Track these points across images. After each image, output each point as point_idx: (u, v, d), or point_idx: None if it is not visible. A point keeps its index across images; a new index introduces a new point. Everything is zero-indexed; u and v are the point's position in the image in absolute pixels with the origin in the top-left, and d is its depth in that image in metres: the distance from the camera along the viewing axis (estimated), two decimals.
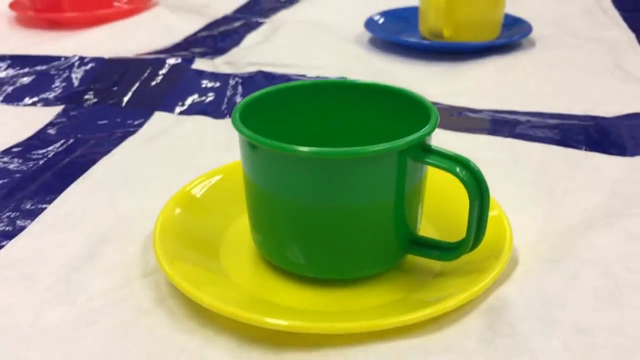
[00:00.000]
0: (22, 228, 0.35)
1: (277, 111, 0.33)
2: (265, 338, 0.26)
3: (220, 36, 0.69)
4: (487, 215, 0.28)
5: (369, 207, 0.28)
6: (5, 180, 0.40)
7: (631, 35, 0.66)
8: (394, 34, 0.66)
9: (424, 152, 0.28)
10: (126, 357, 0.26)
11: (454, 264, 0.30)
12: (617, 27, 0.69)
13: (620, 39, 0.65)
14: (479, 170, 0.27)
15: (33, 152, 0.43)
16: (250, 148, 0.28)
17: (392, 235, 0.29)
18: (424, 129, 0.28)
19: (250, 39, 0.67)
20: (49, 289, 0.30)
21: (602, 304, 0.27)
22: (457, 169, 0.27)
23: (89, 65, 0.57)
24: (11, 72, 0.57)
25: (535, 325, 0.26)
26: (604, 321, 0.26)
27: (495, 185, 0.35)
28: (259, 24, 0.72)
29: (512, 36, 0.64)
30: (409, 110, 0.31)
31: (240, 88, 0.53)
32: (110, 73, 0.55)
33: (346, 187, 0.27)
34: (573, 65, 0.58)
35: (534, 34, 0.66)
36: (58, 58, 0.59)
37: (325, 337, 0.26)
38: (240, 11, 0.79)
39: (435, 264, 0.30)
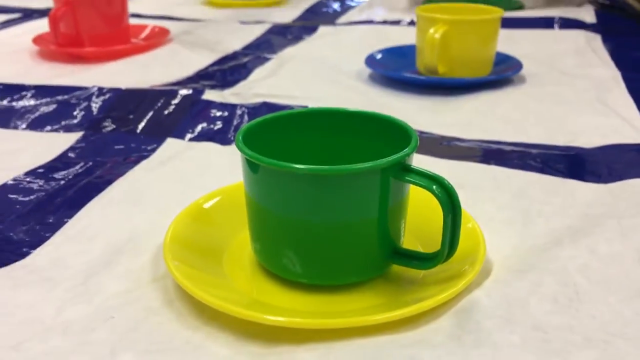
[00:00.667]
0: (45, 239, 0.38)
1: (276, 136, 0.37)
2: (260, 334, 0.30)
3: (229, 70, 0.73)
4: (459, 229, 0.31)
5: (356, 221, 0.32)
6: (30, 198, 0.44)
7: (617, 73, 0.70)
8: (393, 70, 0.70)
9: (404, 171, 0.31)
10: (136, 347, 0.29)
11: (433, 272, 0.33)
12: (604, 65, 0.73)
13: (606, 76, 0.69)
14: (452, 188, 0.31)
15: (55, 174, 0.47)
16: (250, 166, 0.32)
17: (376, 247, 0.33)
18: (404, 151, 0.31)
19: (258, 73, 0.71)
20: (69, 290, 0.33)
21: (560, 307, 0.30)
22: (433, 187, 0.31)
23: (107, 95, 0.61)
24: (35, 101, 0.61)
25: (498, 324, 0.29)
26: (559, 321, 0.29)
27: (476, 207, 0.39)
28: (266, 60, 0.77)
29: (502, 73, 0.68)
30: (394, 135, 0.35)
31: (246, 117, 0.57)
32: (126, 102, 0.60)
33: (335, 202, 0.31)
34: (558, 100, 0.62)
35: (524, 71, 0.70)
36: (78, 88, 0.63)
37: (313, 332, 0.29)
38: (250, 47, 0.84)
39: (418, 272, 0.34)
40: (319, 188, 0.31)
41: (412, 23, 0.96)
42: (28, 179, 0.46)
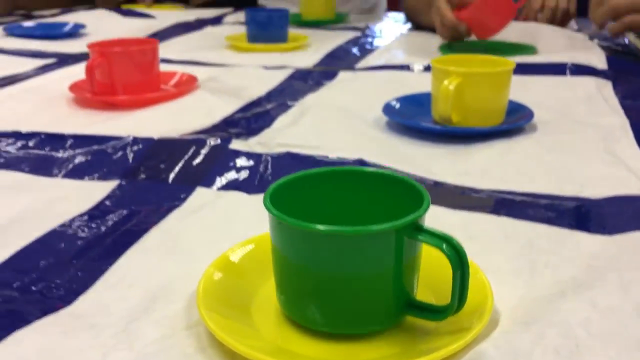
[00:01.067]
0: (89, 285, 0.42)
1: (301, 192, 0.40)
2: None
3: (254, 117, 0.77)
4: (467, 284, 0.34)
5: (373, 275, 0.35)
6: (72, 246, 0.47)
7: (626, 122, 0.72)
8: (409, 117, 0.73)
9: (417, 230, 0.35)
10: None
11: (444, 323, 0.36)
12: (614, 113, 0.76)
13: (615, 124, 0.71)
14: (461, 247, 0.34)
15: (94, 222, 0.51)
16: (277, 224, 0.35)
17: (392, 299, 0.36)
18: (416, 212, 0.35)
19: (281, 121, 0.75)
20: (112, 336, 0.37)
21: (562, 359, 0.33)
22: (443, 246, 0.34)
23: (141, 145, 0.65)
24: (73, 150, 0.66)
25: None
26: None
27: (486, 258, 0.42)
28: (288, 107, 0.81)
29: (514, 122, 0.71)
30: (408, 194, 0.38)
31: (270, 167, 0.60)
32: (158, 152, 0.64)
33: (354, 258, 0.34)
34: (568, 149, 0.65)
35: (535, 119, 0.72)
36: (114, 138, 0.68)
37: None
38: (273, 94, 0.88)
39: (430, 323, 0.37)
40: (340, 246, 0.34)
41: (428, 68, 0.99)
42: (70, 228, 0.50)
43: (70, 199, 0.56)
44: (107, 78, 0.83)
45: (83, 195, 0.56)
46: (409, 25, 1.45)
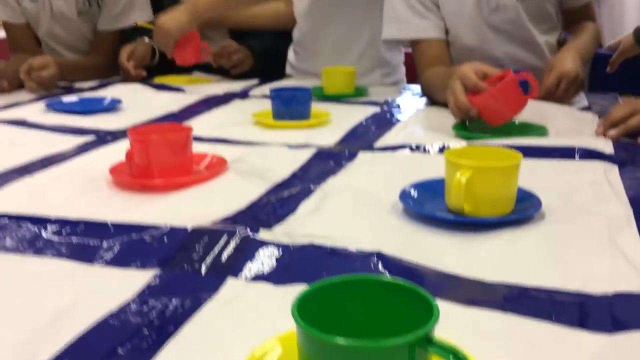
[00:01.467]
0: None
1: (324, 300, 0.45)
2: None
3: (278, 203, 0.83)
4: None
5: None
6: (111, 339, 0.52)
7: (630, 212, 0.76)
8: (424, 204, 0.79)
9: (428, 342, 0.39)
10: None
11: None
12: (618, 201, 0.80)
13: (619, 214, 0.76)
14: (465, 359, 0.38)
15: (135, 313, 0.56)
16: (304, 333, 0.40)
17: None
18: (426, 326, 0.39)
19: (304, 207, 0.81)
20: None
21: None
22: (450, 358, 0.38)
23: (176, 235, 0.71)
24: (114, 238, 0.71)
25: None
26: None
27: (492, 358, 0.46)
28: (311, 191, 0.86)
29: (523, 211, 0.75)
30: (420, 303, 0.43)
31: (295, 258, 0.65)
32: (192, 242, 0.69)
33: None
34: (573, 240, 0.69)
35: (543, 207, 0.77)
36: (151, 227, 0.73)
37: None
38: (297, 175, 0.94)
39: None
40: (358, 356, 0.39)
41: (442, 149, 1.04)
42: (110, 319, 0.55)
43: (111, 288, 0.61)
44: (145, 162, 0.90)
45: (124, 284, 0.62)
46: (425, 99, 1.51)
